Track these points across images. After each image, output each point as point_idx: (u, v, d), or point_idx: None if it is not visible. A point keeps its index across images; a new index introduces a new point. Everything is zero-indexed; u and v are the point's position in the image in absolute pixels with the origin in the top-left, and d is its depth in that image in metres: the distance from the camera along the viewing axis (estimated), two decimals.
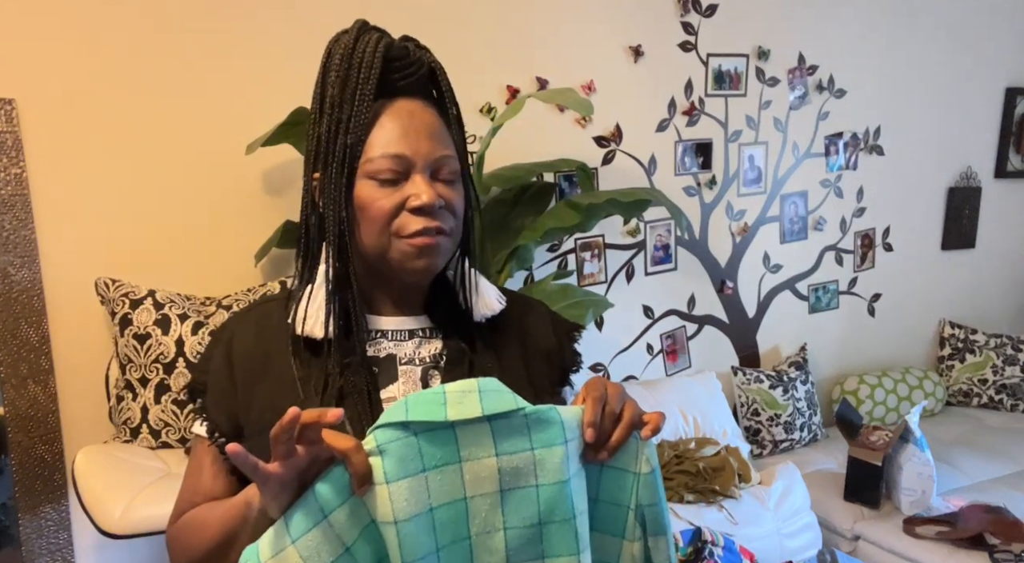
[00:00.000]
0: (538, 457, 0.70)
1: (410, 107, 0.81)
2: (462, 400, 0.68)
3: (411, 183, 0.80)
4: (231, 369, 0.85)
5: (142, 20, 1.90)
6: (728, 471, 2.33)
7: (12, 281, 1.81)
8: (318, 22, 2.08)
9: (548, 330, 0.96)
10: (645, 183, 2.72)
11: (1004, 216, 3.68)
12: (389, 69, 0.80)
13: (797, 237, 3.12)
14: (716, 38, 2.76)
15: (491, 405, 0.68)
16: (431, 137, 0.80)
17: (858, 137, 3.20)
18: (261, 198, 2.09)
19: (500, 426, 0.70)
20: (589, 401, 0.73)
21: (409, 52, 0.82)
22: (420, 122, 0.80)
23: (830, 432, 3.08)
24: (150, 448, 1.79)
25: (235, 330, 0.88)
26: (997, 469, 2.81)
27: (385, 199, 0.79)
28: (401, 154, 0.79)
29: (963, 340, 3.50)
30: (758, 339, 3.11)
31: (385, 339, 0.87)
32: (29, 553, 1.88)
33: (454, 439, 0.69)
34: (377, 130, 0.80)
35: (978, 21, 3.39)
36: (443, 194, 0.81)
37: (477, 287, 0.92)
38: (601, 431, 0.72)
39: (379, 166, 0.79)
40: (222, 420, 0.84)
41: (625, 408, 0.74)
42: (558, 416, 0.71)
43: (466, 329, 0.88)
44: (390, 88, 0.81)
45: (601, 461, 0.74)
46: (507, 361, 0.89)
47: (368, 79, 0.79)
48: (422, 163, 0.80)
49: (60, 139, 1.85)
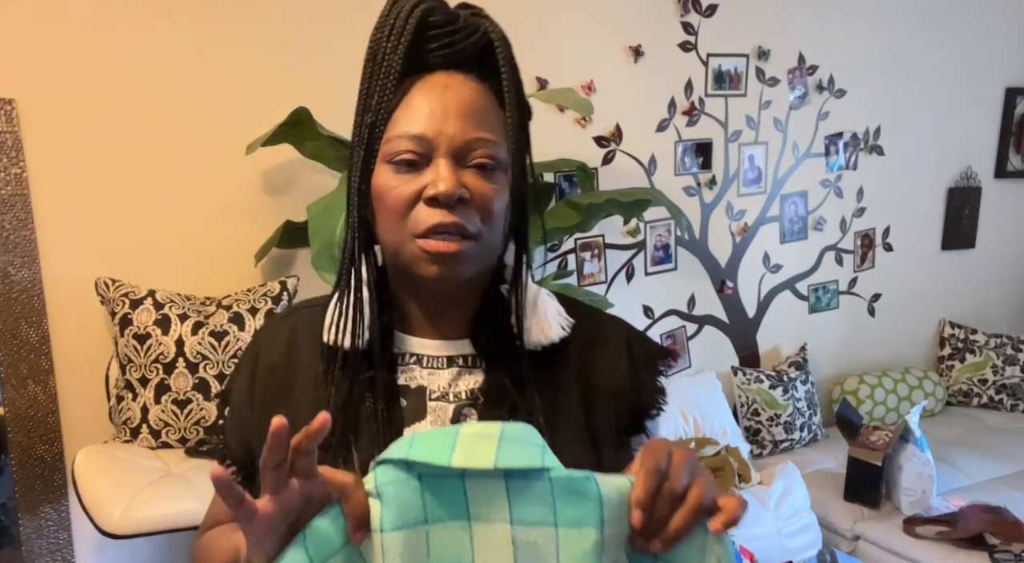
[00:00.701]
0: (562, 537, 0.56)
1: (446, 81, 0.67)
2: (475, 446, 0.55)
3: (431, 168, 0.66)
4: (252, 387, 0.76)
5: (142, 20, 1.90)
6: (728, 471, 2.33)
7: (12, 281, 1.81)
8: (318, 22, 2.08)
9: (622, 360, 0.77)
10: (645, 183, 2.72)
11: (1004, 216, 3.68)
12: (425, 38, 0.67)
13: (797, 237, 3.12)
14: (716, 38, 2.76)
15: (508, 457, 0.55)
16: (464, 115, 0.66)
17: (858, 137, 3.20)
18: (261, 198, 2.09)
19: (518, 487, 0.56)
20: (643, 473, 0.56)
21: (458, 19, 0.68)
22: (454, 97, 0.66)
23: (830, 432, 3.08)
24: (150, 448, 1.79)
25: (264, 340, 0.78)
26: (997, 469, 2.81)
27: (401, 186, 0.66)
28: (421, 134, 0.65)
29: (963, 340, 3.50)
30: (758, 339, 3.11)
31: (419, 366, 0.74)
32: (29, 553, 1.88)
33: (463, 492, 0.57)
34: (403, 108, 0.67)
35: (978, 21, 3.39)
36: (469, 184, 0.66)
37: (536, 307, 0.75)
38: (654, 515, 0.55)
39: (397, 147, 0.66)
40: (235, 445, 0.77)
41: (692, 487, 0.56)
42: (596, 489, 0.56)
43: (516, 359, 0.72)
44: (428, 60, 0.68)
45: (654, 553, 0.57)
46: (563, 403, 0.73)
47: (395, 49, 0.66)
48: (446, 145, 0.66)
49: (60, 139, 1.85)
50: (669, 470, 0.56)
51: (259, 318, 1.85)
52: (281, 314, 0.81)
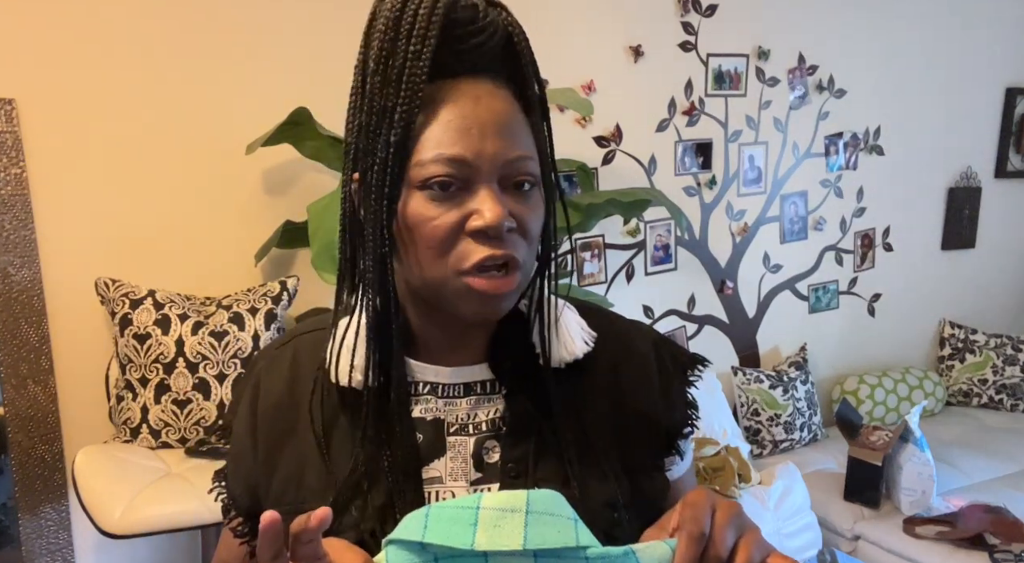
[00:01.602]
0: None
1: (476, 91, 0.59)
2: (500, 522, 0.50)
3: (473, 197, 0.59)
4: (254, 427, 0.70)
5: (142, 20, 1.90)
6: (728, 471, 2.33)
7: (12, 281, 1.81)
8: (319, 21, 2.08)
9: (651, 376, 0.71)
10: (645, 183, 2.72)
11: (1004, 216, 3.68)
12: (450, 38, 0.58)
13: (797, 237, 3.12)
14: (716, 38, 2.76)
15: (538, 536, 0.50)
16: (502, 132, 0.59)
17: (858, 137, 3.20)
18: (261, 198, 2.09)
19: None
20: (684, 539, 0.50)
21: (479, 13, 0.59)
22: (488, 112, 0.59)
23: (830, 432, 3.08)
24: (150, 448, 1.79)
25: (264, 373, 0.72)
26: (997, 469, 2.81)
27: (440, 218, 0.58)
28: (460, 157, 0.58)
29: (963, 340, 3.50)
30: (758, 339, 3.10)
31: (434, 395, 0.67)
32: (29, 553, 1.88)
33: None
34: (431, 124, 0.58)
35: (978, 21, 3.39)
36: (515, 211, 0.60)
37: (558, 323, 0.68)
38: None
39: (431, 172, 0.58)
40: (239, 492, 0.71)
41: (740, 547, 0.51)
42: (635, 558, 0.51)
43: (538, 381, 0.66)
44: (451, 64, 0.59)
45: None
46: (593, 428, 0.67)
47: (420, 54, 0.57)
48: (488, 168, 0.58)
49: (60, 139, 1.85)
50: (713, 532, 0.51)
51: (259, 318, 1.85)
52: (279, 342, 0.74)
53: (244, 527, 0.72)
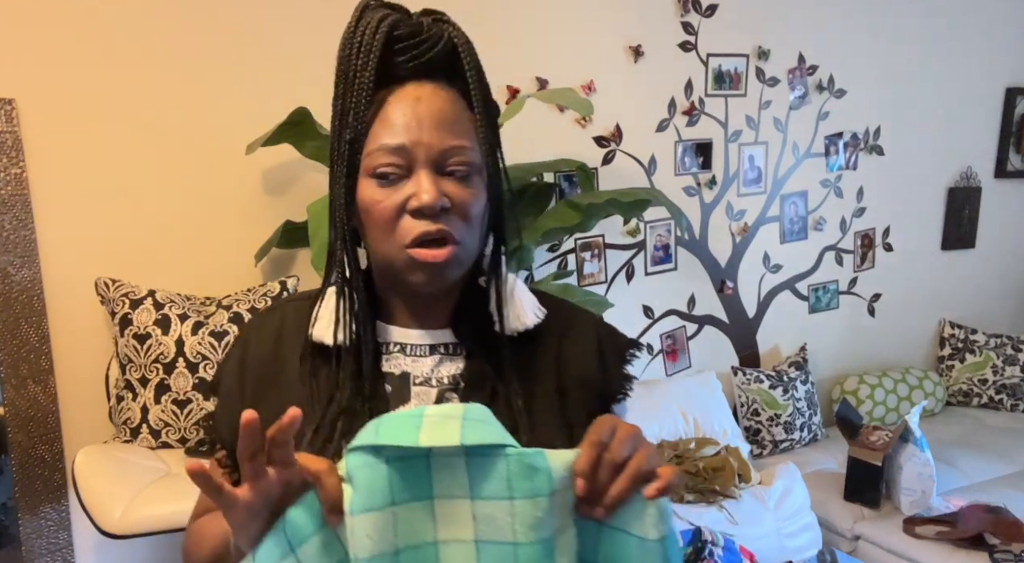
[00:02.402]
0: (517, 509, 0.59)
1: (417, 93, 0.70)
2: (440, 426, 0.59)
3: (412, 180, 0.70)
4: (243, 376, 0.79)
5: (142, 20, 1.90)
6: (728, 471, 2.33)
7: (12, 281, 1.81)
8: (319, 21, 2.08)
9: (591, 349, 0.82)
10: (645, 183, 2.72)
11: (1004, 216, 3.68)
12: (393, 51, 0.69)
13: (797, 237, 3.12)
14: (716, 38, 2.76)
15: (473, 435, 0.59)
16: (439, 125, 0.69)
17: (858, 137, 3.20)
18: (261, 198, 2.09)
19: (478, 464, 0.60)
20: (585, 445, 0.61)
21: (422, 29, 0.70)
22: (427, 108, 0.70)
23: (830, 432, 3.08)
24: (150, 448, 1.79)
25: (254, 332, 0.82)
26: (997, 469, 2.81)
27: (386, 199, 0.70)
28: (399, 145, 0.69)
29: (963, 340, 3.50)
30: (758, 339, 3.11)
31: (403, 354, 0.78)
32: (29, 553, 1.88)
33: (427, 471, 0.60)
34: (379, 122, 0.70)
35: (978, 21, 3.39)
36: (449, 192, 0.70)
37: (513, 296, 0.80)
38: (597, 484, 0.60)
39: (377, 160, 0.69)
40: (226, 432, 0.79)
41: (633, 457, 0.61)
42: (545, 463, 0.60)
43: (495, 346, 0.77)
44: (398, 72, 0.70)
45: (598, 518, 0.62)
46: (539, 387, 0.78)
47: (366, 65, 0.68)
48: (424, 155, 0.69)
49: (60, 139, 1.85)
50: (611, 443, 0.61)
51: None
52: (268, 308, 0.85)
53: (229, 459, 0.79)
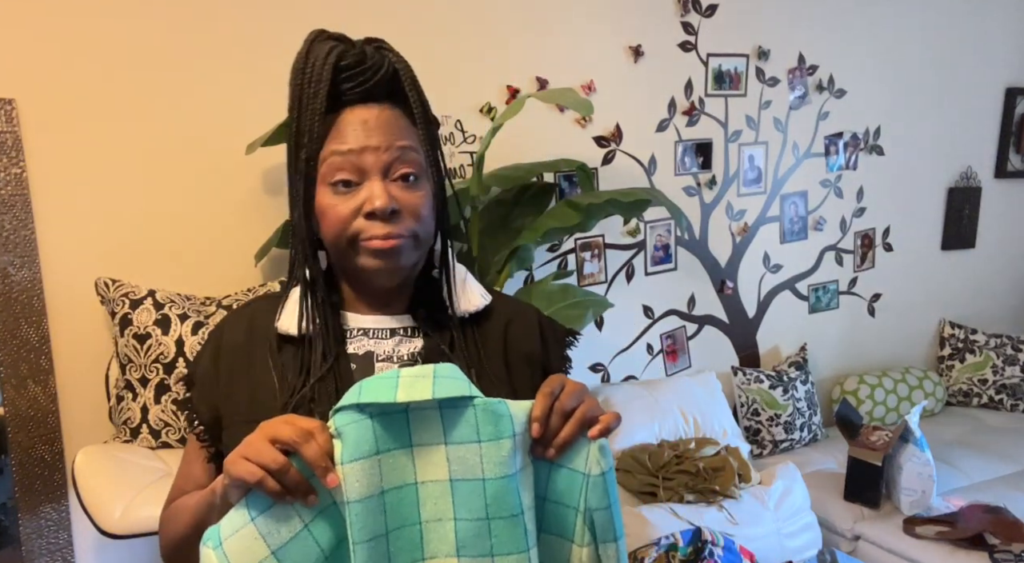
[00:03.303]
0: (484, 450, 0.70)
1: (364, 115, 0.80)
2: (414, 384, 0.69)
3: (365, 186, 0.79)
4: (217, 361, 0.88)
5: (142, 20, 1.90)
6: (728, 471, 2.33)
7: (12, 281, 1.81)
8: (319, 21, 2.08)
9: (534, 332, 0.95)
10: (645, 183, 2.72)
11: (1004, 216, 3.68)
12: (340, 79, 0.79)
13: (797, 237, 3.12)
14: (716, 38, 2.76)
15: (443, 390, 0.69)
16: (385, 131, 0.80)
17: (858, 137, 3.20)
18: (261, 198, 2.09)
19: (450, 414, 0.70)
20: (539, 395, 0.72)
21: (366, 57, 0.80)
22: (374, 119, 0.80)
23: (830, 432, 3.08)
24: (150, 448, 1.79)
25: (227, 326, 0.91)
26: (997, 469, 2.80)
27: (341, 205, 0.80)
28: (350, 149, 0.79)
29: (963, 340, 3.50)
30: (758, 339, 3.11)
31: (366, 337, 0.87)
32: (29, 553, 1.88)
33: (406, 423, 0.70)
34: (331, 139, 0.80)
35: (978, 21, 3.39)
36: (398, 196, 0.80)
37: (464, 284, 0.92)
38: (548, 427, 0.72)
39: (330, 166, 0.79)
40: (203, 410, 0.88)
41: (579, 406, 0.73)
42: (507, 410, 0.71)
43: (449, 326, 0.89)
44: (345, 97, 0.80)
45: (549, 459, 0.73)
46: (489, 363, 0.89)
47: (317, 94, 0.78)
48: (374, 161, 0.79)
49: (60, 139, 1.85)
50: (560, 394, 0.73)
51: None
52: (241, 306, 0.95)
53: (206, 434, 0.90)
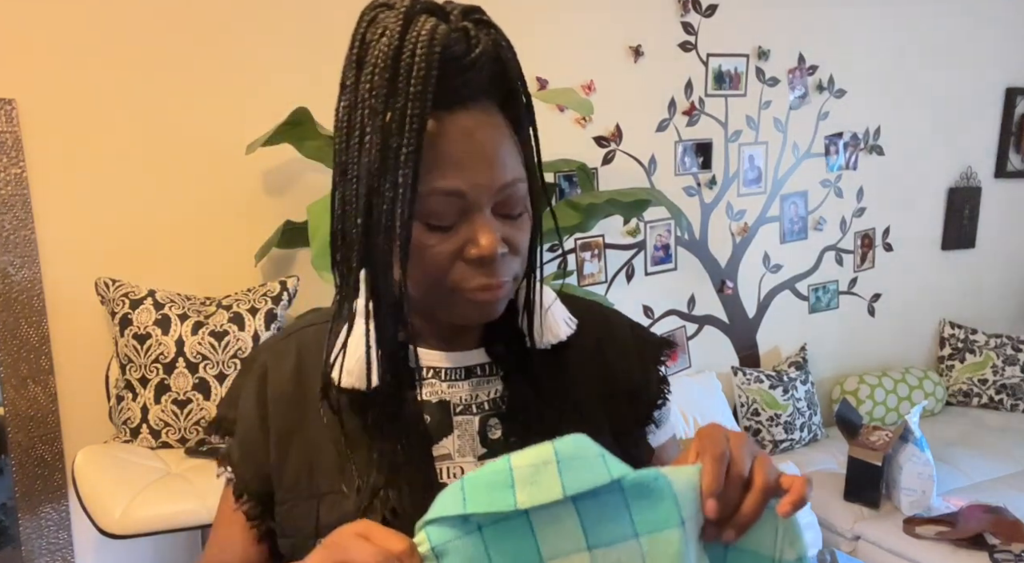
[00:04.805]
0: (646, 547, 0.53)
1: (468, 123, 0.60)
2: (536, 478, 0.51)
3: (469, 224, 0.61)
4: (264, 415, 0.72)
5: (142, 20, 1.90)
6: None
7: (12, 281, 1.81)
8: (319, 21, 2.08)
9: (631, 355, 0.78)
10: (645, 183, 2.72)
11: (1004, 216, 3.68)
12: (446, 72, 0.57)
13: (797, 237, 3.12)
14: (716, 38, 2.76)
15: (576, 480, 0.51)
16: (494, 161, 0.61)
17: (858, 137, 3.19)
18: (261, 198, 2.09)
19: (589, 507, 0.53)
20: (708, 461, 0.55)
21: (471, 42, 0.59)
22: (479, 143, 0.60)
23: (830, 432, 3.08)
24: (150, 448, 1.79)
25: (270, 364, 0.74)
26: (997, 469, 2.81)
27: (439, 245, 0.61)
28: (456, 190, 0.60)
29: (963, 340, 3.50)
30: (758, 339, 3.10)
31: (437, 379, 0.71)
32: (29, 553, 1.88)
33: (530, 530, 0.53)
34: (429, 156, 0.59)
35: (978, 21, 3.39)
36: (507, 236, 0.63)
37: (548, 312, 0.75)
38: (727, 503, 0.55)
39: (430, 205, 0.60)
40: (250, 478, 0.73)
41: (756, 469, 0.56)
42: (668, 486, 0.53)
43: (530, 362, 0.72)
44: (446, 97, 0.59)
45: (727, 542, 0.56)
46: (584, 402, 0.73)
47: (424, 94, 0.56)
48: (482, 198, 0.61)
49: (60, 139, 1.85)
50: (732, 454, 0.55)
51: (259, 318, 1.85)
52: (281, 336, 0.77)
53: (256, 510, 0.73)
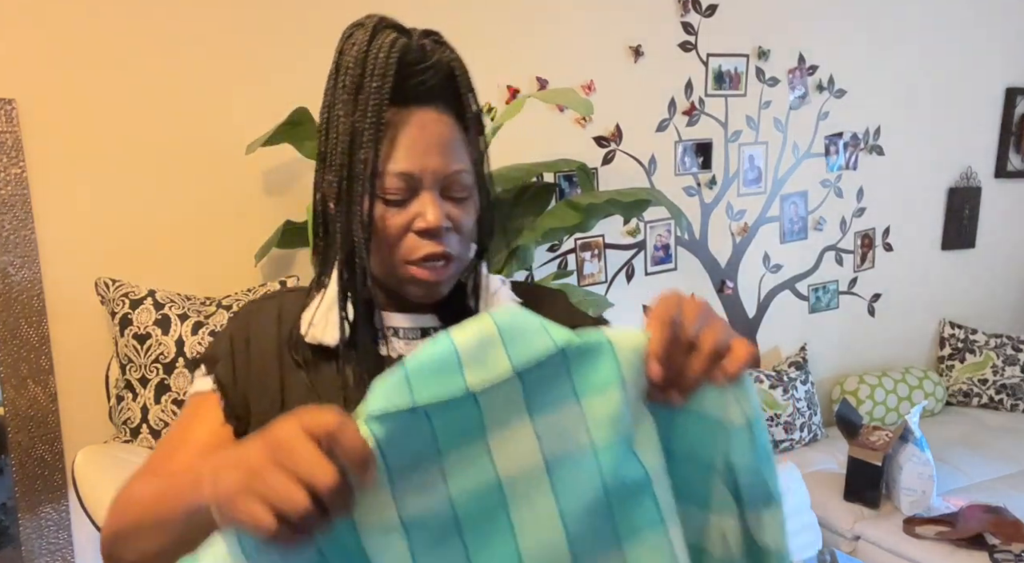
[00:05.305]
0: (586, 408, 0.52)
1: (422, 119, 0.74)
2: (482, 356, 0.50)
3: (418, 201, 0.74)
4: (248, 350, 0.81)
5: (142, 20, 1.90)
6: None
7: (12, 281, 1.81)
8: (319, 22, 2.08)
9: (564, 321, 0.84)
10: (645, 183, 2.72)
11: (1004, 216, 3.68)
12: (403, 74, 0.72)
13: (797, 237, 3.12)
14: (716, 38, 2.76)
15: (522, 354, 0.50)
16: (443, 151, 0.74)
17: (858, 137, 3.19)
18: (261, 198, 2.09)
19: (532, 375, 0.51)
20: (655, 323, 0.54)
21: (426, 54, 0.74)
22: (431, 135, 0.74)
23: (830, 432, 3.08)
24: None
25: (254, 313, 0.84)
26: (997, 469, 2.80)
27: (392, 219, 0.74)
28: (407, 172, 0.73)
29: (963, 340, 3.50)
30: (758, 339, 3.10)
31: (396, 337, 0.82)
32: (29, 553, 1.88)
33: (475, 405, 0.51)
34: (387, 144, 0.73)
35: (978, 21, 3.39)
36: (451, 214, 0.75)
37: (488, 289, 0.86)
38: (671, 365, 0.54)
39: (386, 184, 0.73)
40: (231, 386, 0.79)
41: (704, 333, 0.55)
42: (609, 348, 0.53)
43: None
44: (404, 95, 0.73)
45: (673, 405, 0.56)
46: None
47: (381, 89, 0.71)
48: (430, 180, 0.74)
49: (60, 139, 1.85)
50: (683, 319, 0.55)
51: None
52: (264, 297, 0.87)
53: (229, 410, 0.80)
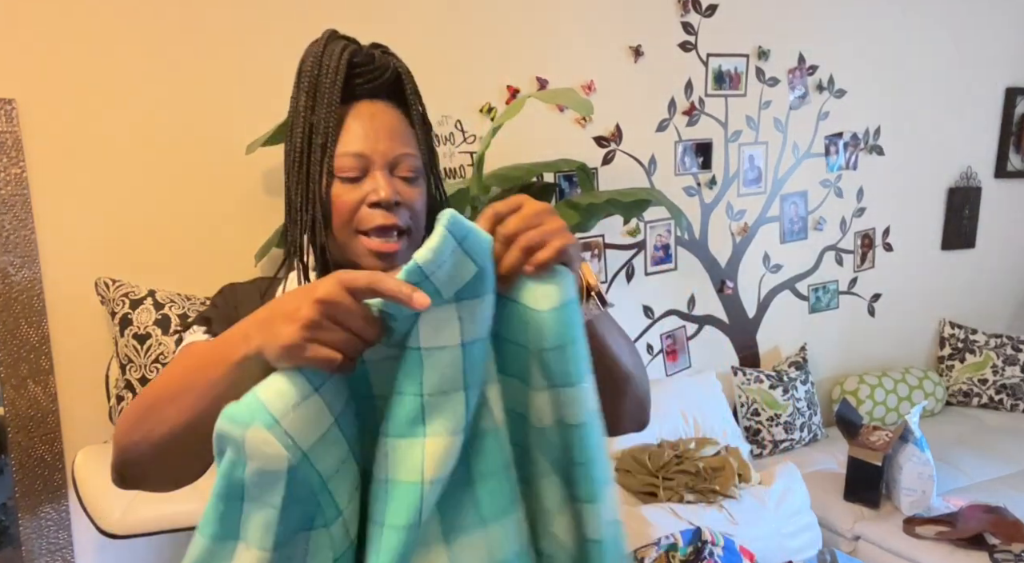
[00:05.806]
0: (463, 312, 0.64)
1: (371, 109, 0.86)
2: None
3: (370, 179, 0.84)
4: (239, 309, 0.89)
5: (142, 20, 1.90)
6: (728, 471, 2.33)
7: (12, 281, 1.81)
8: (320, 23, 2.08)
9: None
10: (645, 183, 2.72)
11: (1004, 216, 3.68)
12: (353, 74, 0.85)
13: (797, 237, 3.12)
14: (716, 38, 2.76)
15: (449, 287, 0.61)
16: (390, 136, 0.85)
17: (858, 137, 3.20)
18: (261, 198, 2.09)
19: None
20: (482, 219, 0.65)
21: (374, 58, 0.86)
22: (380, 122, 0.85)
23: (830, 432, 3.08)
24: None
25: (240, 290, 0.95)
26: (997, 469, 2.80)
27: (347, 195, 0.84)
28: (360, 152, 0.83)
29: (963, 340, 3.50)
30: (758, 339, 3.10)
31: None
32: (29, 553, 1.88)
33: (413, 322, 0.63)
34: (343, 132, 0.84)
35: (978, 21, 3.39)
36: (400, 190, 0.85)
37: None
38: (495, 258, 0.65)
39: (342, 164, 0.83)
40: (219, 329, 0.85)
41: (524, 230, 0.64)
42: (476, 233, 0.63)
43: None
44: (355, 92, 0.85)
45: (500, 292, 0.65)
46: None
47: (334, 84, 0.83)
48: (381, 160, 0.84)
49: (60, 139, 1.85)
50: (507, 216, 0.65)
51: None
52: (246, 282, 0.98)
53: None
